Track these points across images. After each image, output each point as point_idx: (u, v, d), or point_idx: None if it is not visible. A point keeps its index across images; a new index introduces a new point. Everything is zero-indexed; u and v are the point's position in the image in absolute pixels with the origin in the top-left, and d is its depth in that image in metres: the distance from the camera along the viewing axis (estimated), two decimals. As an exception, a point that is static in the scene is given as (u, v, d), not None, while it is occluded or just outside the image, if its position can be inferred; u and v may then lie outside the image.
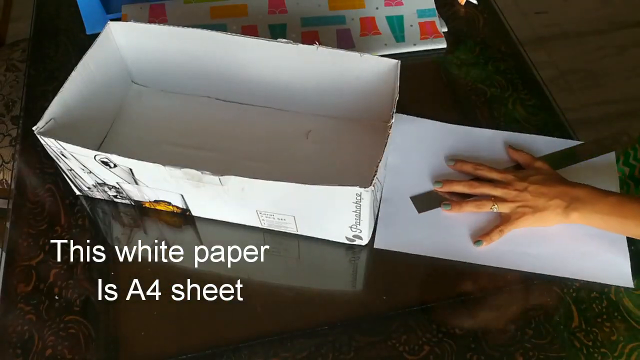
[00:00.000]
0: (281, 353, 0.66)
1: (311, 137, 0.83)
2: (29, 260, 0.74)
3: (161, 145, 0.82)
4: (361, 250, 0.74)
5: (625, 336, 0.67)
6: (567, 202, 0.70)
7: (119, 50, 0.83)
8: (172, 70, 0.85)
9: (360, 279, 0.75)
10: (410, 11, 1.00)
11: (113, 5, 0.99)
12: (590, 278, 0.71)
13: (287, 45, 0.76)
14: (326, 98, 0.82)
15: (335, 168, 0.79)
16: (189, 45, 0.80)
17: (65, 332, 0.68)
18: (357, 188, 0.62)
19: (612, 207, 0.68)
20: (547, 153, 0.81)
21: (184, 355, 0.66)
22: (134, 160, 0.66)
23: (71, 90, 0.73)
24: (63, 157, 0.71)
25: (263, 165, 0.79)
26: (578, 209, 0.69)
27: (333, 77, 0.79)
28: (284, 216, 0.70)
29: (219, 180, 0.65)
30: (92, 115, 0.79)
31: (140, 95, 0.88)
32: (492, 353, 0.66)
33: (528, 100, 0.90)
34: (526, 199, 0.72)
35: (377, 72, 0.76)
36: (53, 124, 0.70)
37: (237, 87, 0.84)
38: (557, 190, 0.71)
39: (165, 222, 0.77)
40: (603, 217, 0.69)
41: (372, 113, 0.81)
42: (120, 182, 0.72)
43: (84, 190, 0.78)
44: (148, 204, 0.76)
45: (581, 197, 0.70)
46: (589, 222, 0.70)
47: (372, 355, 0.67)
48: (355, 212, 0.66)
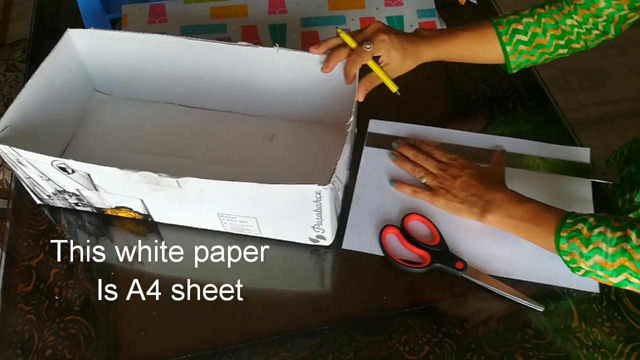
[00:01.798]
0: (281, 353, 0.66)
1: (275, 140, 0.83)
2: (29, 260, 0.74)
3: (125, 153, 0.82)
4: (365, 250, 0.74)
5: (625, 336, 0.67)
6: (484, 203, 0.71)
7: (79, 58, 0.82)
8: (134, 78, 0.84)
9: (361, 280, 0.75)
10: (411, 11, 1.00)
11: (113, 5, 0.99)
12: (558, 283, 0.70)
13: (247, 48, 0.75)
14: (289, 101, 0.82)
15: (299, 171, 0.79)
16: (150, 52, 0.80)
17: (65, 332, 0.68)
18: (316, 186, 0.61)
19: (526, 213, 0.68)
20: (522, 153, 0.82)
21: (184, 355, 0.66)
22: (91, 165, 0.65)
23: (29, 97, 0.72)
24: (20, 165, 0.69)
25: (227, 169, 0.79)
26: (493, 212, 0.70)
27: (295, 79, 0.79)
28: (246, 218, 0.70)
29: (177, 182, 0.64)
30: (52, 123, 0.78)
31: (103, 103, 0.88)
32: (492, 353, 0.66)
33: (528, 100, 0.90)
34: (453, 186, 0.75)
35: (339, 75, 0.75)
36: (9, 132, 0.69)
37: (201, 93, 0.84)
38: (480, 189, 0.73)
39: (129, 230, 0.76)
40: (515, 222, 0.69)
41: (336, 115, 0.80)
42: (80, 189, 0.71)
43: (44, 199, 0.77)
44: (110, 210, 0.75)
45: (498, 200, 0.71)
46: (502, 226, 0.70)
47: (372, 355, 0.66)
48: (317, 212, 0.66)
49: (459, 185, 0.74)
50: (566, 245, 0.64)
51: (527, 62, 0.82)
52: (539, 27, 0.79)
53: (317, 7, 1.00)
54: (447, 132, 0.85)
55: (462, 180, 0.75)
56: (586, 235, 0.63)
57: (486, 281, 0.70)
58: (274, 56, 0.76)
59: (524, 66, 0.83)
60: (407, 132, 0.85)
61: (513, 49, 0.80)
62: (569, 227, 0.64)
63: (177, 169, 0.78)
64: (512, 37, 0.80)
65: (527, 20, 0.80)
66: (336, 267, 0.74)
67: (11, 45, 1.36)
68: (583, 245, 0.63)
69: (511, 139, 0.84)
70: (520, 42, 0.80)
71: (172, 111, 0.87)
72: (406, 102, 0.91)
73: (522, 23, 0.80)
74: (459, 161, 0.78)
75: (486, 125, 0.87)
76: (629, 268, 0.61)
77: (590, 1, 0.76)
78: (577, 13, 0.78)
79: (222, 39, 0.96)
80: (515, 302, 0.69)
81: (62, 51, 0.78)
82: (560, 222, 0.65)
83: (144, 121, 0.86)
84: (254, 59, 0.77)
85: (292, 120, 0.84)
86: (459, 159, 0.78)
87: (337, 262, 0.74)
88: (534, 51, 0.81)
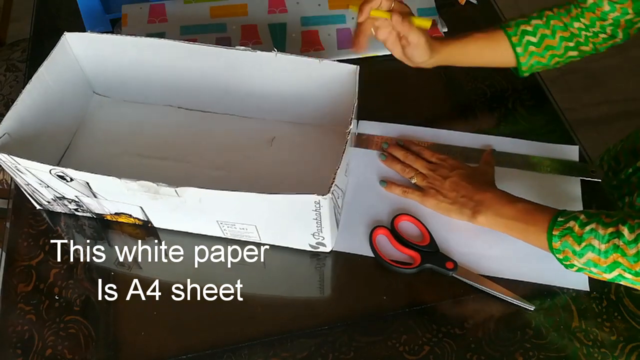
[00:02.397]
0: (281, 353, 0.66)
1: (275, 143, 0.83)
2: (29, 260, 0.74)
3: (124, 156, 0.82)
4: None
5: (625, 336, 0.67)
6: (474, 204, 0.72)
7: (77, 61, 0.82)
8: (133, 80, 0.84)
9: (361, 282, 0.75)
10: (411, 10, 0.99)
11: (113, 5, 0.99)
12: (548, 282, 0.71)
13: (246, 52, 0.75)
14: (289, 104, 0.82)
15: (298, 174, 0.79)
16: (149, 55, 0.79)
17: (65, 332, 0.68)
18: (315, 196, 0.61)
19: (517, 213, 0.68)
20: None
21: (184, 355, 0.66)
22: (89, 174, 0.65)
23: (26, 103, 0.72)
24: (19, 172, 0.69)
25: (226, 174, 0.79)
26: (483, 212, 0.70)
27: (294, 83, 0.78)
28: (246, 225, 0.70)
29: (176, 192, 0.64)
30: (51, 127, 0.78)
31: (102, 106, 0.88)
32: (492, 353, 0.66)
33: (528, 100, 0.90)
34: (443, 186, 0.75)
35: (337, 78, 0.75)
36: (7, 139, 0.69)
37: (200, 95, 0.84)
38: (469, 189, 0.73)
39: (129, 234, 0.76)
40: (507, 222, 0.69)
41: (335, 118, 0.80)
42: (79, 196, 0.71)
43: (43, 205, 0.77)
44: (109, 216, 0.75)
45: (488, 200, 0.71)
46: (493, 226, 0.70)
47: (372, 355, 0.66)
48: (316, 220, 0.66)
49: (448, 185, 0.75)
50: (559, 243, 0.64)
51: (539, 65, 0.82)
52: (547, 29, 0.79)
53: (317, 6, 1.00)
54: (436, 132, 0.85)
55: (451, 180, 0.75)
56: (578, 232, 0.63)
57: (477, 281, 0.70)
58: (272, 60, 0.76)
59: (535, 69, 0.83)
60: (396, 132, 0.85)
61: (523, 50, 0.80)
62: (560, 225, 0.64)
63: (176, 172, 0.79)
64: (521, 38, 0.80)
65: (535, 22, 0.80)
66: (336, 267, 0.74)
67: (11, 45, 1.36)
68: (575, 243, 0.63)
69: (500, 138, 0.84)
70: (530, 43, 0.80)
71: (171, 113, 0.87)
72: (406, 102, 0.92)
73: (531, 25, 0.80)
74: (449, 161, 0.78)
75: (486, 125, 0.87)
76: (622, 264, 0.61)
77: (595, 4, 0.76)
78: (584, 16, 0.78)
79: (222, 38, 0.96)
80: (509, 302, 0.69)
81: (60, 55, 0.77)
82: (552, 220, 0.65)
83: (144, 123, 0.86)
84: (253, 63, 0.77)
85: (292, 123, 0.84)
86: (449, 160, 0.78)
87: (337, 263, 0.74)
88: (544, 53, 0.81)
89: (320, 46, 0.96)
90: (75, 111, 0.85)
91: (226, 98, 0.83)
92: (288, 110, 0.83)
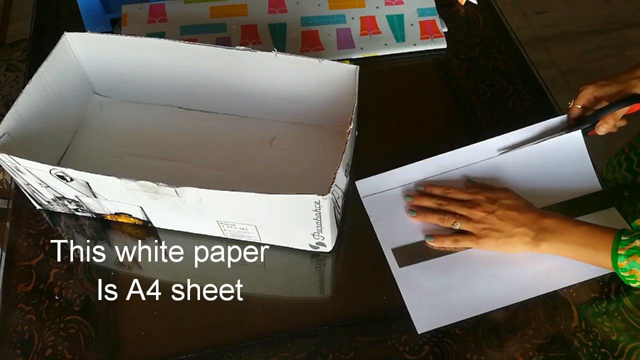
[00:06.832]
0: (281, 353, 0.66)
1: (275, 143, 0.83)
2: (29, 260, 0.74)
3: (124, 156, 0.82)
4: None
5: (625, 336, 0.67)
6: (535, 232, 0.69)
7: (77, 62, 0.82)
8: (133, 80, 0.84)
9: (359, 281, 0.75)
10: (411, 10, 1.00)
11: (113, 5, 0.99)
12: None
13: (246, 52, 0.75)
14: (289, 104, 0.82)
15: (298, 174, 0.79)
16: (149, 55, 0.79)
17: (65, 332, 0.68)
18: (315, 196, 0.61)
19: (582, 238, 0.67)
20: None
21: (184, 355, 0.66)
22: (89, 174, 0.65)
23: (26, 103, 0.72)
24: (19, 172, 0.69)
25: (226, 174, 0.79)
26: (547, 239, 0.68)
27: (294, 83, 0.78)
28: (245, 225, 0.70)
29: (175, 191, 0.64)
30: (51, 127, 0.78)
31: (103, 106, 0.88)
32: (492, 353, 0.66)
33: (528, 100, 0.90)
34: (493, 222, 0.71)
35: (338, 78, 0.75)
36: (7, 139, 0.69)
37: (200, 95, 0.84)
38: (526, 217, 0.70)
39: (129, 233, 0.76)
40: (574, 248, 0.67)
41: (335, 118, 0.80)
42: (79, 196, 0.71)
43: (43, 205, 0.77)
44: (109, 216, 0.75)
45: (550, 226, 0.68)
46: (559, 252, 0.69)
47: (372, 355, 0.67)
48: (316, 220, 0.65)
49: (498, 220, 0.71)
50: (625, 262, 0.64)
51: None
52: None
53: (317, 6, 1.00)
54: (441, 159, 0.79)
55: (498, 214, 0.71)
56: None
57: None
58: (272, 60, 0.76)
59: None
60: (397, 179, 0.79)
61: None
62: (625, 244, 0.64)
63: (176, 172, 0.79)
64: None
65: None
66: (336, 267, 0.74)
67: (11, 45, 1.36)
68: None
69: (501, 137, 0.80)
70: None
71: (171, 114, 0.87)
72: (406, 102, 0.92)
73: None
74: (483, 194, 0.74)
75: (486, 125, 0.87)
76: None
77: None
78: None
79: (222, 38, 0.96)
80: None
81: (60, 55, 0.77)
82: (615, 240, 0.65)
83: (144, 123, 0.86)
84: (253, 63, 0.77)
85: (292, 123, 0.84)
86: (480, 192, 0.74)
87: (337, 263, 0.74)
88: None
89: (320, 46, 0.96)
90: (75, 111, 0.85)
91: (226, 98, 0.83)
92: (288, 110, 0.83)
